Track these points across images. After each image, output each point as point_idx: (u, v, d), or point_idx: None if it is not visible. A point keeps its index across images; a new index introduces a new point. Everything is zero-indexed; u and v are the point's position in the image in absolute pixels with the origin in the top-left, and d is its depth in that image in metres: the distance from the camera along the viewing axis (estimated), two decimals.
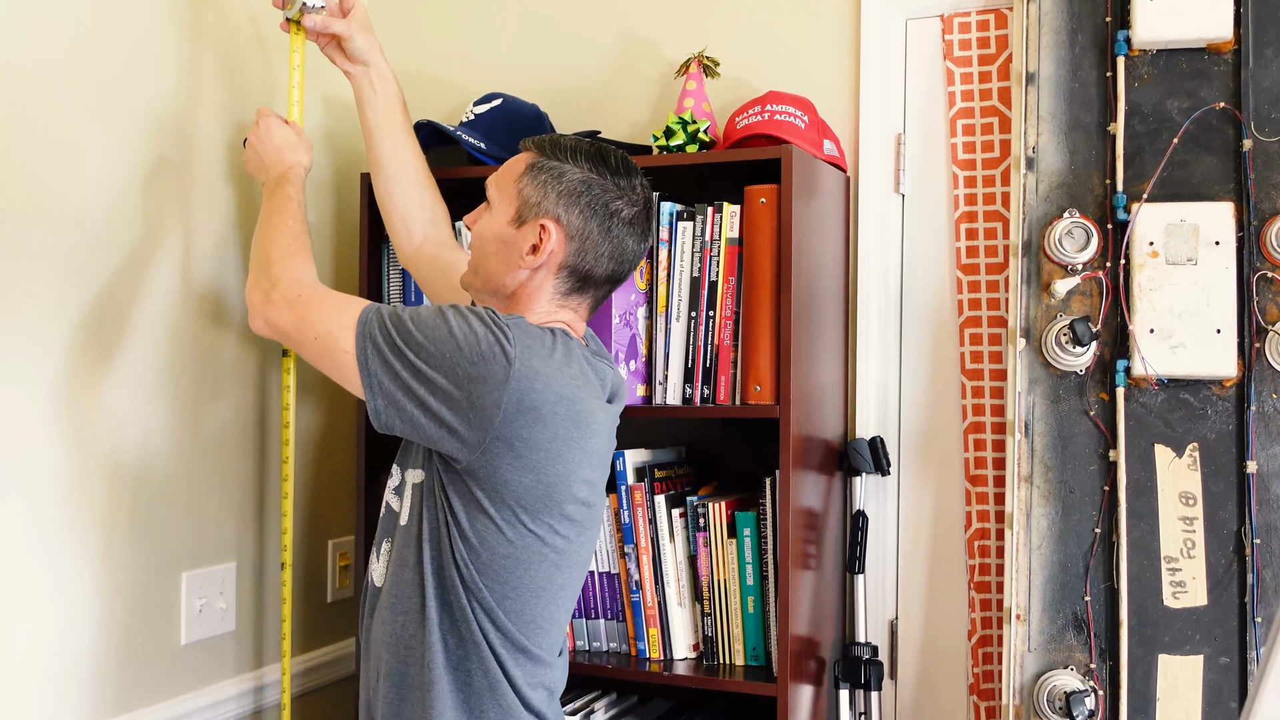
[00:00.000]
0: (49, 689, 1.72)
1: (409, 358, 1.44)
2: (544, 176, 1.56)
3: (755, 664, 1.89)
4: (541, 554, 1.50)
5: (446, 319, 1.45)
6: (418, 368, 1.44)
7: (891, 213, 2.07)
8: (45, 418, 1.71)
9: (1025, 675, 1.84)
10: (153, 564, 1.88)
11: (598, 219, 1.56)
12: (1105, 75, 1.85)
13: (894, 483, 2.07)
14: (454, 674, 1.49)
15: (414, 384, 1.44)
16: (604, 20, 2.26)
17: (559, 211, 1.55)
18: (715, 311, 1.87)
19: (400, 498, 1.58)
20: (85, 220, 1.76)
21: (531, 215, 1.55)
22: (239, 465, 2.06)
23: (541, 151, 1.58)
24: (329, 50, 1.85)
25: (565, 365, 1.49)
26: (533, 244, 1.55)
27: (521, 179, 1.57)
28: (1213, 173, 1.80)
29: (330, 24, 1.79)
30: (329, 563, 2.28)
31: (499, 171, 1.61)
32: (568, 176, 1.56)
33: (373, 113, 1.86)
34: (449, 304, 1.50)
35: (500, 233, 1.57)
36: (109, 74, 1.79)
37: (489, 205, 1.60)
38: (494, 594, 1.49)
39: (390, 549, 1.57)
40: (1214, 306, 1.77)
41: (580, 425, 1.50)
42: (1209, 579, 1.77)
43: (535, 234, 1.54)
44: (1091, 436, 1.83)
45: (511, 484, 1.46)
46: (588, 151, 1.58)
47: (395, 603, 1.53)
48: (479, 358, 1.42)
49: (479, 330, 1.44)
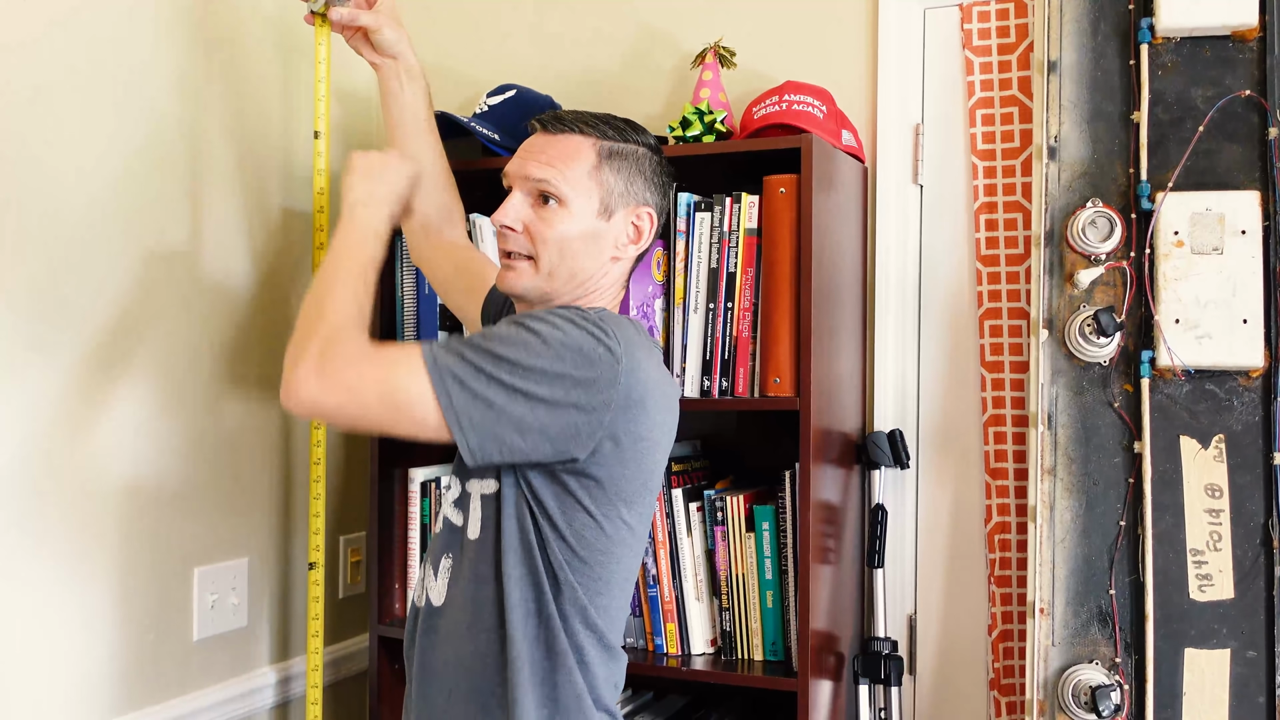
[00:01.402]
0: (62, 684, 1.70)
1: (504, 380, 1.32)
2: (623, 162, 1.48)
3: (774, 659, 1.87)
4: (630, 544, 1.45)
5: (536, 332, 1.34)
6: (515, 388, 1.32)
7: (910, 203, 2.05)
8: (59, 414, 1.69)
9: (1049, 670, 1.81)
10: (165, 559, 1.87)
11: (665, 190, 1.54)
12: (1128, 63, 1.83)
13: (913, 476, 2.06)
14: (540, 688, 1.40)
15: (511, 407, 1.32)
16: (619, 11, 2.24)
17: (647, 194, 1.50)
18: (734, 303, 1.85)
19: (464, 511, 1.47)
20: (97, 219, 1.75)
21: (621, 204, 1.48)
22: (250, 460, 2.04)
23: (602, 135, 1.48)
24: (355, 43, 1.79)
25: (651, 351, 1.45)
26: (630, 234, 1.49)
27: (600, 169, 1.47)
28: (1238, 161, 1.78)
29: (358, 16, 1.74)
30: (340, 559, 2.27)
31: (553, 165, 1.46)
32: (644, 156, 1.51)
33: (398, 108, 1.79)
34: (524, 315, 1.39)
35: (587, 229, 1.46)
36: (115, 73, 1.78)
37: (559, 204, 1.46)
38: (588, 591, 1.42)
39: (454, 565, 1.46)
40: (1240, 296, 1.75)
41: (669, 409, 1.46)
42: (1236, 572, 1.75)
43: (630, 223, 1.49)
44: (1116, 428, 1.81)
45: (616, 478, 1.39)
46: (630, 125, 1.52)
47: (470, 620, 1.43)
48: (585, 362, 1.33)
49: (575, 334, 1.34)
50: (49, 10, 1.67)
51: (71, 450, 1.71)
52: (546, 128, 1.49)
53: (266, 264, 2.08)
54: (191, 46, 1.90)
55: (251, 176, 2.03)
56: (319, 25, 1.83)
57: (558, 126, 1.48)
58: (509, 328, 1.36)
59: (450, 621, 1.45)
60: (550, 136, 1.48)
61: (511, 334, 1.35)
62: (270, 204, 2.09)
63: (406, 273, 2.08)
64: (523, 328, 1.35)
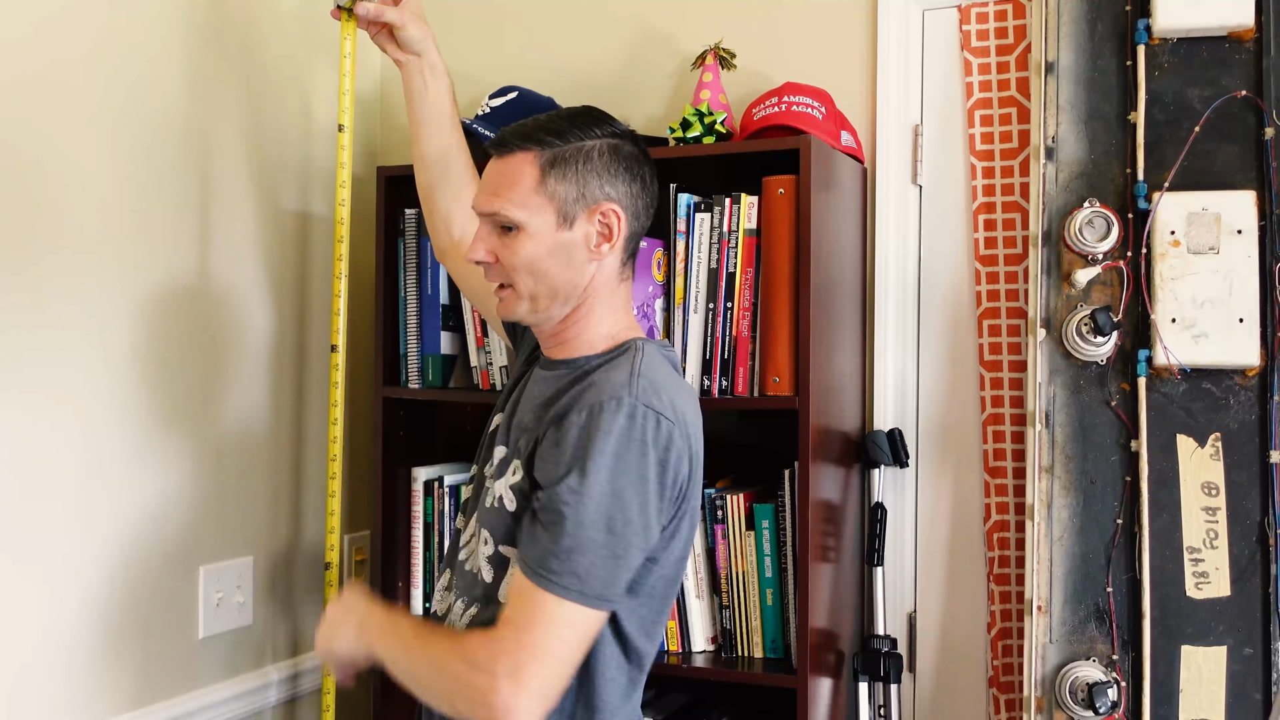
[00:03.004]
0: (67, 681, 1.72)
1: (616, 541, 1.31)
2: (569, 167, 1.42)
3: (774, 656, 1.89)
4: (681, 565, 1.46)
5: (624, 487, 1.31)
6: (629, 540, 1.32)
7: (909, 204, 2.06)
8: (64, 412, 1.71)
9: (1047, 667, 1.83)
10: (170, 557, 1.88)
11: (632, 177, 1.46)
12: (1125, 64, 1.84)
13: (912, 475, 2.07)
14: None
15: (632, 554, 1.33)
16: (620, 12, 2.25)
17: (607, 190, 1.44)
18: (733, 303, 1.86)
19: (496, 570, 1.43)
20: (108, 218, 1.76)
21: (580, 209, 1.43)
22: (256, 459, 2.06)
23: (542, 144, 1.42)
24: (379, 39, 1.79)
25: (681, 384, 1.45)
26: (600, 234, 1.44)
27: (545, 182, 1.42)
28: (1234, 161, 1.79)
29: (384, 12, 1.73)
30: (345, 557, 2.28)
31: (499, 194, 1.43)
32: (591, 151, 1.44)
33: (422, 105, 1.78)
34: (606, 459, 1.31)
35: (553, 244, 1.42)
36: (128, 74, 1.80)
37: (517, 230, 1.42)
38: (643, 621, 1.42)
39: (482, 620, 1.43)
40: (1236, 295, 1.76)
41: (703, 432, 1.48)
42: (1232, 570, 1.76)
43: (596, 223, 1.44)
44: (1113, 427, 1.82)
45: (680, 522, 1.42)
46: (578, 116, 1.46)
47: None
48: (676, 465, 1.36)
49: (655, 450, 1.34)
50: (52, 6, 1.68)
51: (77, 447, 1.73)
52: (496, 149, 1.46)
53: (277, 262, 2.09)
54: (203, 42, 1.92)
55: (264, 175, 2.04)
56: (344, 20, 1.84)
57: (502, 149, 1.45)
58: (606, 495, 1.30)
59: None
60: (500, 160, 1.45)
61: (612, 496, 1.31)
62: (283, 202, 2.10)
63: (409, 275, 2.09)
64: (619, 482, 1.31)
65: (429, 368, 2.08)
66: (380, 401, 2.10)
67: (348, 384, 2.25)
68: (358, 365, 2.29)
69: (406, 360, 2.10)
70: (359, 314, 2.29)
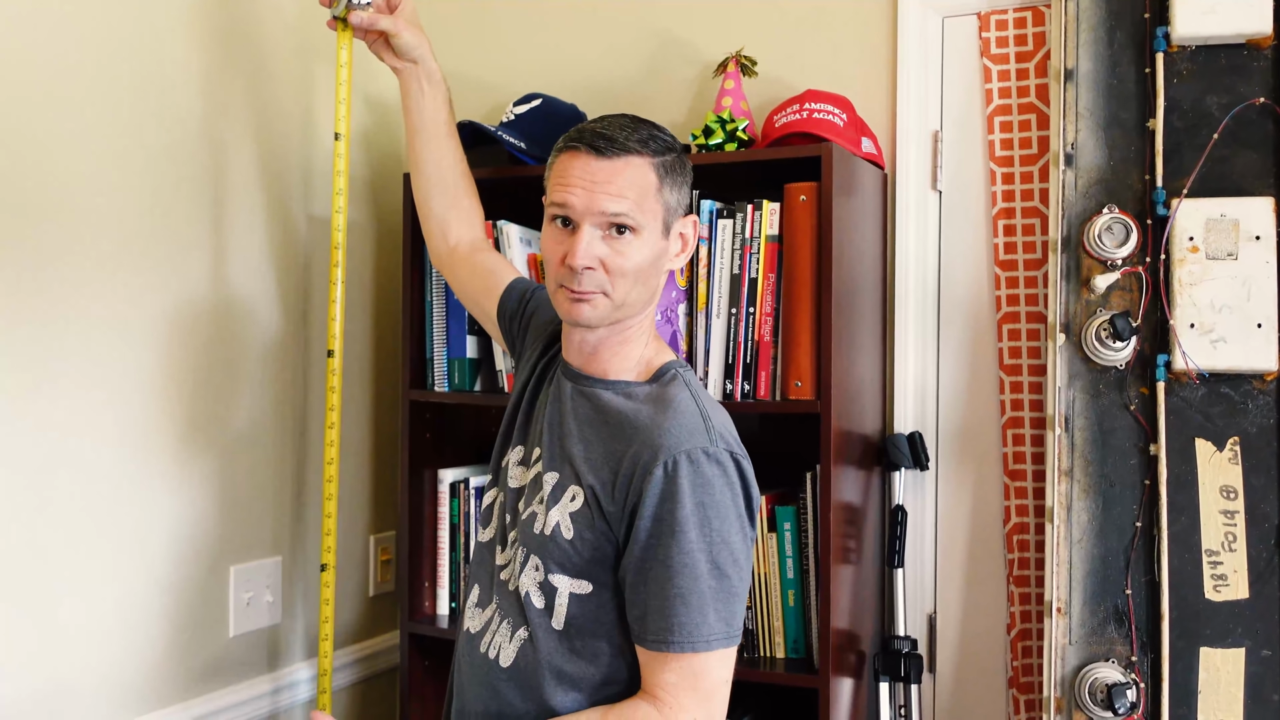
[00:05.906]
0: (102, 679, 1.75)
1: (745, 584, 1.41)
2: (677, 174, 1.43)
3: (796, 657, 1.91)
4: None
5: (728, 529, 1.38)
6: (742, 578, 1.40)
7: (929, 210, 2.08)
8: (98, 414, 1.74)
9: (1066, 668, 1.84)
10: (202, 558, 1.92)
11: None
12: (1144, 71, 1.86)
13: (932, 477, 2.09)
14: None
15: (741, 587, 1.41)
16: (642, 20, 2.28)
17: (688, 202, 1.47)
18: (755, 308, 1.89)
19: (547, 597, 1.43)
20: (125, 222, 1.80)
21: (675, 218, 1.44)
22: (282, 461, 2.09)
23: (656, 150, 1.40)
24: (376, 48, 1.83)
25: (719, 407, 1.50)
26: (679, 244, 1.47)
27: (662, 188, 1.40)
28: (1253, 168, 1.80)
29: (377, 20, 1.77)
30: (370, 557, 2.31)
31: (625, 195, 1.37)
32: (686, 162, 1.46)
33: (418, 112, 1.82)
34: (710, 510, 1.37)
35: (655, 251, 1.42)
36: (137, 79, 1.83)
37: (632, 234, 1.39)
38: None
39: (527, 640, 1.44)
40: (1254, 301, 1.78)
41: None
42: (1250, 572, 1.77)
43: (676, 235, 1.46)
44: (1132, 431, 1.84)
45: None
46: (655, 124, 1.45)
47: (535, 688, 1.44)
48: (754, 493, 1.43)
49: (742, 488, 1.41)
50: (64, 9, 1.71)
51: (111, 449, 1.76)
52: (601, 152, 1.38)
53: (293, 269, 2.12)
54: (212, 49, 1.95)
55: (272, 179, 2.06)
56: (341, 30, 1.86)
57: (614, 148, 1.38)
58: (720, 545, 1.37)
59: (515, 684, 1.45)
60: (607, 161, 1.38)
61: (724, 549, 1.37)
62: (291, 207, 2.13)
63: (436, 284, 2.12)
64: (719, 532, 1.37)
65: (455, 371, 2.10)
66: (407, 404, 2.13)
67: (372, 387, 2.29)
68: (384, 369, 2.32)
69: (433, 364, 2.13)
70: (386, 318, 2.32)
